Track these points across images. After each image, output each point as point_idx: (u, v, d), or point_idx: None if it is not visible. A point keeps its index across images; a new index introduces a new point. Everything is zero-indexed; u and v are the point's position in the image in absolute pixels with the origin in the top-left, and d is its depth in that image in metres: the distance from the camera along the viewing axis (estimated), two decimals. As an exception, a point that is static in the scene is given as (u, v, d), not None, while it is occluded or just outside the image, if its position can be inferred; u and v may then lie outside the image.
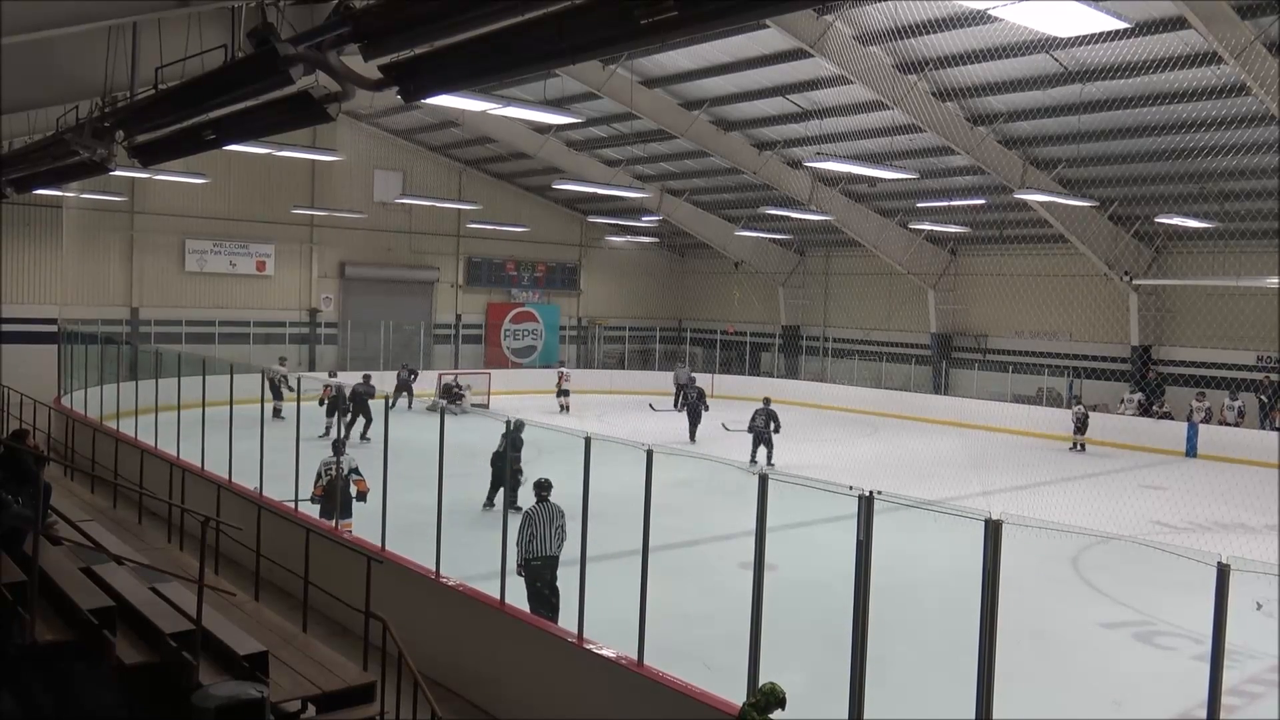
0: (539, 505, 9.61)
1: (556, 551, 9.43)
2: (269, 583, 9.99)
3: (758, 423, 19.18)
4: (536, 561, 9.38)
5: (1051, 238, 24.93)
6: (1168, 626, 10.74)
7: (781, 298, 34.45)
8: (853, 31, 18.22)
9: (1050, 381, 26.98)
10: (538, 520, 9.48)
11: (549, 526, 9.43)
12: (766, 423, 19.09)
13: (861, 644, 6.05)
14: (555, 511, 9.56)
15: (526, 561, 9.39)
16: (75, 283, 25.84)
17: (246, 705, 5.87)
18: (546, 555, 9.40)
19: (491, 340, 34.29)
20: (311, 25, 6.06)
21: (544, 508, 9.57)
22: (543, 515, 9.51)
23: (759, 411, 19.34)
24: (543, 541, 9.40)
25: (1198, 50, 15.21)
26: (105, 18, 7.38)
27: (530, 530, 9.45)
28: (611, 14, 4.52)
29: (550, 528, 9.43)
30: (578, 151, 28.96)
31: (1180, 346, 25.17)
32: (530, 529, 9.46)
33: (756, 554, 6.77)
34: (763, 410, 19.33)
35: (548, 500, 9.61)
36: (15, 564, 7.37)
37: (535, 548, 9.41)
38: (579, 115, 22.53)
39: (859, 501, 5.97)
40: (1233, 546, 13.05)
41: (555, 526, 9.45)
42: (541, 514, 9.52)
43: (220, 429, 14.24)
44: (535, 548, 9.41)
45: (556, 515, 9.52)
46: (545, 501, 9.61)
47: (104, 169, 10.13)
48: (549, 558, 9.40)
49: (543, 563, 9.39)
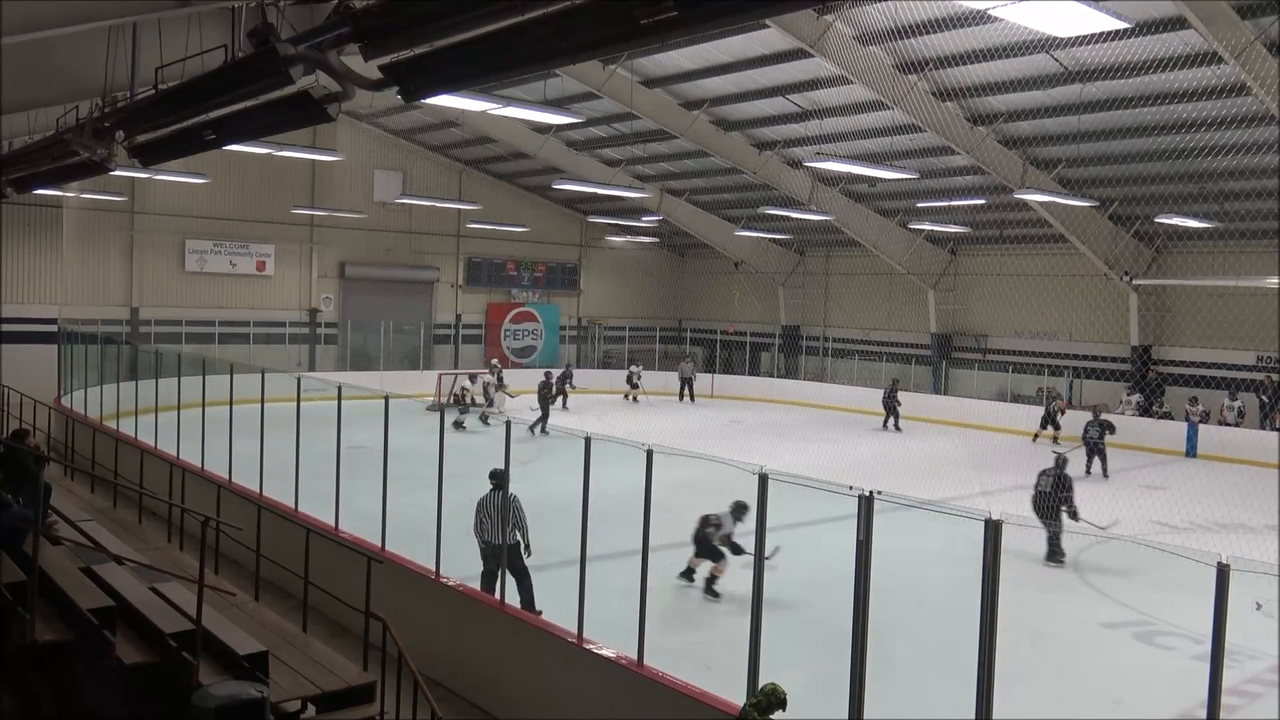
0: (491, 494, 9.90)
1: (512, 539, 9.62)
2: (269, 583, 9.99)
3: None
4: (484, 546, 9.88)
5: (1051, 238, 24.93)
6: (1168, 626, 10.74)
7: (781, 298, 34.45)
8: (853, 31, 18.22)
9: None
10: (488, 508, 9.87)
11: (498, 514, 9.65)
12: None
13: (861, 644, 6.05)
14: (507, 501, 9.67)
15: (480, 545, 9.94)
16: (75, 283, 25.85)
17: (246, 705, 5.87)
18: (495, 543, 9.69)
19: (491, 340, 34.29)
20: (311, 25, 6.06)
21: (494, 496, 9.82)
22: (493, 504, 9.80)
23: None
24: (494, 528, 9.72)
25: (1198, 50, 15.20)
26: (105, 18, 7.38)
27: (479, 516, 9.94)
28: (611, 14, 4.51)
29: (499, 516, 9.62)
30: (578, 151, 28.96)
31: (1180, 346, 25.17)
32: (480, 515, 9.94)
33: (756, 554, 6.77)
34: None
35: (502, 490, 9.70)
36: (15, 564, 7.37)
37: (485, 533, 9.87)
38: (579, 115, 22.53)
39: (859, 501, 5.98)
40: (1233, 546, 13.06)
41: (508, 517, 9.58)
42: (492, 502, 9.82)
43: (220, 429, 14.24)
44: (485, 533, 9.87)
45: (507, 506, 9.62)
46: (497, 490, 9.79)
47: (104, 169, 10.12)
48: (496, 545, 9.63)
49: (490, 549, 9.78)
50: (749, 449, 19.19)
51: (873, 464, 19.15)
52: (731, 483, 7.25)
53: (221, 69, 6.85)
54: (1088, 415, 20.58)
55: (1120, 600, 11.72)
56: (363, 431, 11.98)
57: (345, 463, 11.79)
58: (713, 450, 17.71)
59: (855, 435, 23.41)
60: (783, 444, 21.46)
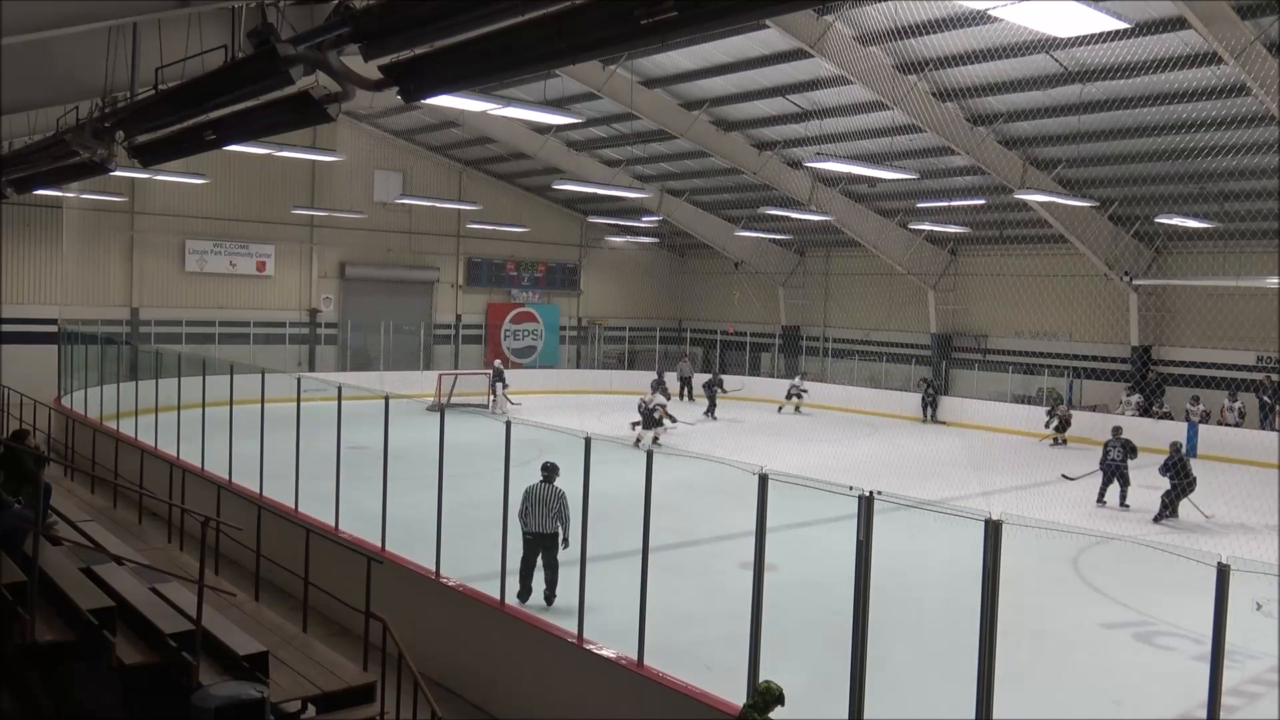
0: (541, 485, 10.29)
1: (553, 529, 10.18)
2: (269, 583, 9.99)
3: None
4: (529, 535, 10.18)
5: (1051, 238, 24.93)
6: (1168, 626, 10.74)
7: (781, 298, 34.44)
8: (853, 32, 18.22)
9: (1050, 381, 26.98)
10: (533, 498, 10.24)
11: (544, 506, 10.18)
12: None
13: (861, 644, 6.05)
14: (555, 494, 10.23)
15: (524, 533, 10.17)
16: (75, 283, 25.85)
17: (246, 705, 5.87)
18: (539, 531, 10.16)
19: (491, 340, 34.29)
20: (311, 25, 6.06)
21: (544, 488, 10.26)
22: (539, 494, 10.23)
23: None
24: (538, 518, 10.17)
25: (1198, 50, 15.20)
26: (105, 18, 7.38)
27: (526, 505, 10.21)
28: (611, 14, 4.52)
29: (545, 507, 10.18)
30: (578, 151, 28.97)
31: (1180, 347, 25.16)
32: (526, 504, 10.21)
33: (756, 554, 6.77)
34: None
35: (550, 483, 10.27)
36: (15, 564, 7.37)
37: (529, 522, 10.19)
38: (579, 115, 22.53)
39: (859, 501, 5.98)
40: (1233, 546, 13.08)
41: (553, 508, 10.18)
42: (539, 493, 10.25)
43: (220, 429, 14.24)
44: (529, 522, 10.19)
45: (554, 498, 10.21)
46: (547, 483, 10.28)
47: (104, 169, 10.13)
48: (540, 534, 10.17)
49: (534, 538, 10.17)
50: (749, 449, 19.20)
51: (873, 464, 19.16)
52: (732, 483, 7.24)
53: (221, 69, 6.85)
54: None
55: (1120, 600, 11.72)
56: (363, 432, 11.99)
57: (345, 463, 11.80)
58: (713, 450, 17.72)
59: (855, 435, 23.41)
60: (782, 444, 21.46)
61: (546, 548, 10.20)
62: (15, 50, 7.49)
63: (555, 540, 10.20)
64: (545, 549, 10.21)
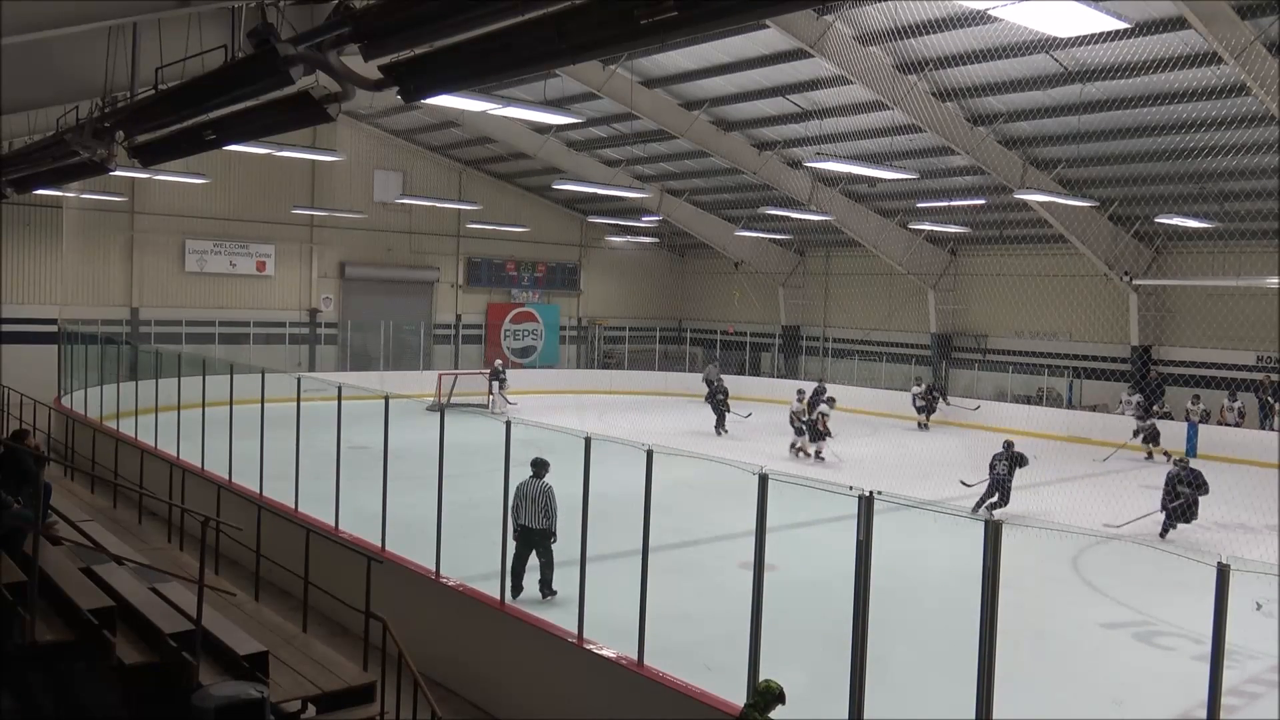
0: (531, 480, 10.41)
1: (542, 525, 10.32)
2: (269, 583, 9.99)
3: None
4: (517, 529, 10.25)
5: (1051, 238, 24.93)
6: (1168, 626, 10.74)
7: (781, 298, 34.44)
8: (853, 31, 18.22)
9: (1050, 381, 26.98)
10: (523, 493, 10.31)
11: (533, 501, 10.31)
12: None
13: (861, 644, 6.05)
14: (542, 490, 10.37)
15: (514, 526, 10.22)
16: (75, 283, 25.86)
17: (246, 705, 5.88)
18: (526, 526, 10.29)
19: (492, 340, 34.29)
20: (311, 25, 6.06)
21: (533, 483, 10.39)
22: (529, 490, 10.34)
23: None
24: (528, 514, 10.30)
25: (1198, 50, 15.21)
26: (105, 18, 7.38)
27: (517, 499, 10.24)
28: (611, 14, 4.51)
29: (533, 503, 10.31)
30: (578, 151, 28.96)
31: (1180, 347, 25.16)
32: (518, 499, 10.24)
33: (756, 554, 6.77)
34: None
35: (540, 478, 10.42)
36: (15, 564, 7.37)
37: (520, 516, 10.29)
38: (579, 115, 22.52)
39: (859, 502, 5.98)
40: (1233, 546, 13.08)
41: (540, 504, 10.31)
42: (528, 488, 10.34)
43: (220, 429, 14.24)
44: (520, 516, 10.29)
45: (542, 494, 10.34)
46: (537, 478, 10.42)
47: (104, 169, 10.12)
48: (528, 530, 10.29)
49: (523, 531, 10.28)
50: (749, 449, 19.20)
51: (872, 464, 19.17)
52: (732, 483, 7.24)
53: (221, 69, 6.84)
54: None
55: (1120, 600, 11.72)
56: (363, 431, 11.99)
57: (345, 463, 11.80)
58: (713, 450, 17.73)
59: (855, 435, 23.38)
60: (782, 444, 21.46)
61: (538, 542, 10.36)
62: (15, 50, 7.49)
63: (546, 535, 10.35)
64: (537, 543, 10.36)
